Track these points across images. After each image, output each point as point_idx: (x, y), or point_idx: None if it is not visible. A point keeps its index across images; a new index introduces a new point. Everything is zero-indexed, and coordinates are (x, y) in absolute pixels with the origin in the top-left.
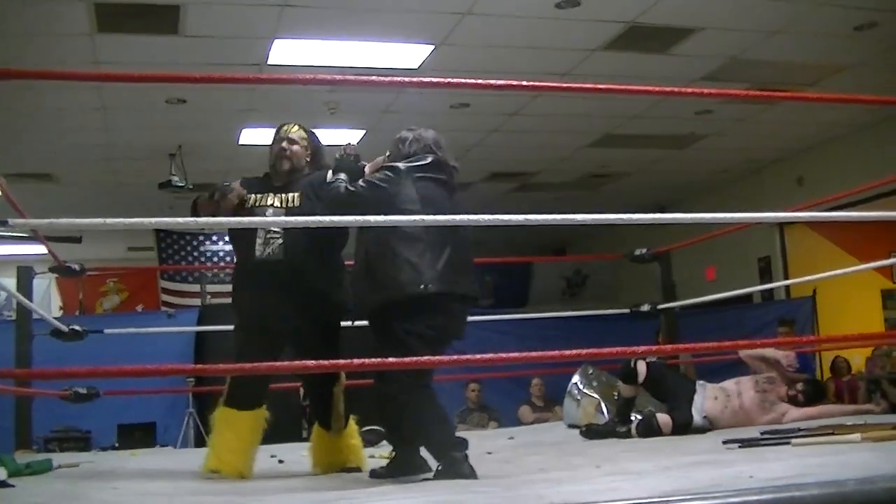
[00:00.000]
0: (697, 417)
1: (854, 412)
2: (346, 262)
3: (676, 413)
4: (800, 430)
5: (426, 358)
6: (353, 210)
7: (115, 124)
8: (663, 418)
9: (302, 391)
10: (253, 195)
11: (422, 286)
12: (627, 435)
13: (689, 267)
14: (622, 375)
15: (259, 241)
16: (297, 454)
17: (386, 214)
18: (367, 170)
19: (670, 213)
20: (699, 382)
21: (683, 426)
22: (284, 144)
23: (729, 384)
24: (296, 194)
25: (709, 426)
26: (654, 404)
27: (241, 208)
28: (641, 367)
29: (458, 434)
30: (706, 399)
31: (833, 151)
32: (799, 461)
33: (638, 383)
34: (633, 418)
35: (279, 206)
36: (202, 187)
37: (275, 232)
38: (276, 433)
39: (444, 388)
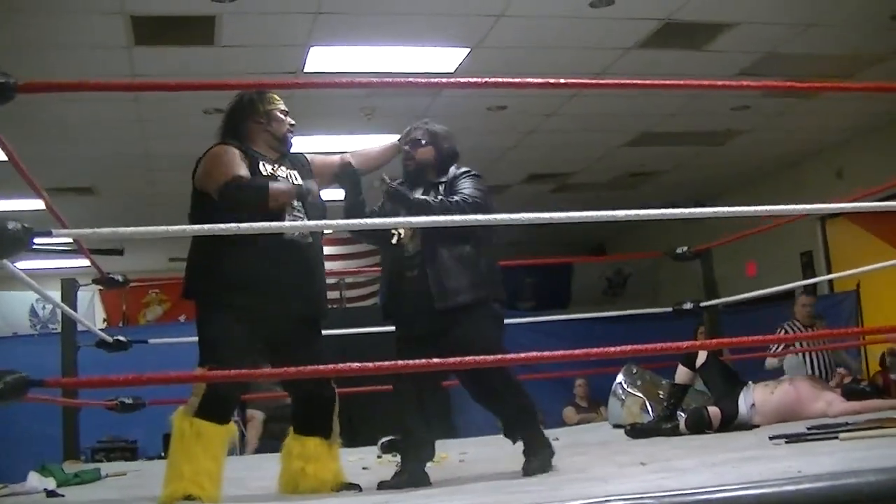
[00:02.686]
0: (744, 407)
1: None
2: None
3: (723, 404)
4: (847, 424)
5: (468, 358)
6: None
7: (153, 136)
8: (713, 410)
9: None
10: (260, 161)
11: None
12: (674, 431)
13: (730, 264)
14: (683, 358)
15: (288, 218)
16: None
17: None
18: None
19: (710, 209)
20: (748, 382)
21: (730, 418)
22: (291, 119)
23: (783, 377)
24: (294, 171)
25: (755, 416)
26: (698, 403)
27: (259, 174)
28: (702, 353)
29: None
30: (755, 390)
31: (872, 143)
32: (847, 455)
33: (696, 368)
34: (679, 415)
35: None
36: None
37: (298, 211)
38: None
39: None
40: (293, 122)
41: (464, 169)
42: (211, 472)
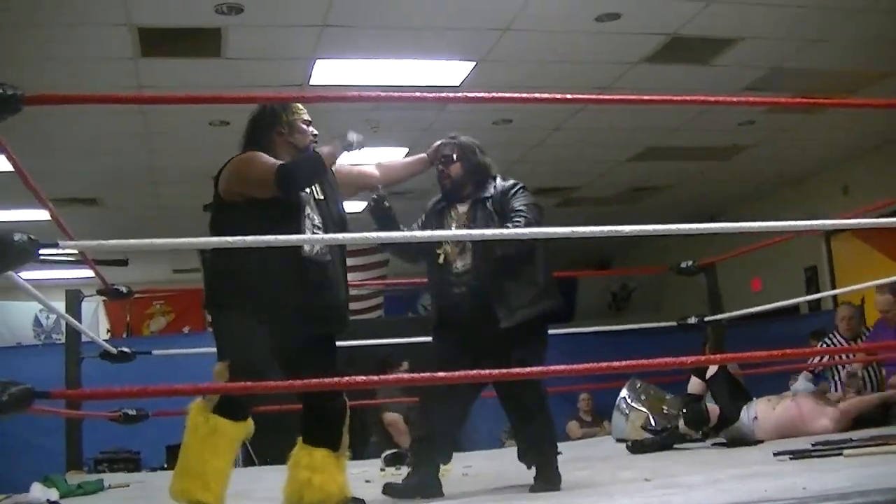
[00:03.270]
0: (746, 420)
1: (879, 400)
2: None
3: (725, 406)
4: (851, 440)
5: (475, 372)
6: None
7: (159, 148)
8: (712, 406)
9: None
10: None
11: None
12: (673, 434)
13: (735, 279)
14: (693, 369)
15: (307, 234)
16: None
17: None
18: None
19: (716, 224)
20: (753, 398)
21: (729, 420)
22: (314, 129)
23: (786, 393)
24: (316, 185)
25: (756, 430)
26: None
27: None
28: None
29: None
30: (758, 404)
31: (878, 159)
32: (852, 472)
33: (706, 378)
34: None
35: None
36: None
37: (317, 226)
38: None
39: (495, 403)
40: (316, 132)
41: (511, 181)
42: (219, 471)
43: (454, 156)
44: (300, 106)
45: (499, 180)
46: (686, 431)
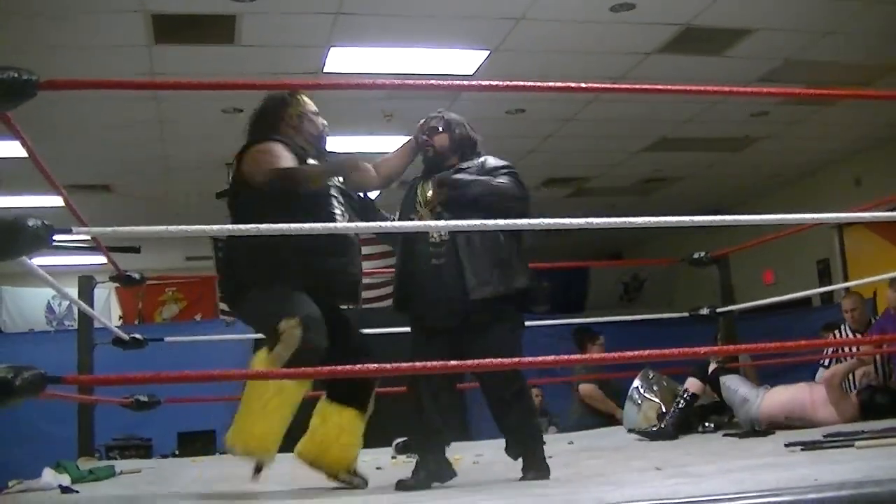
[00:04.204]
0: (754, 393)
1: (856, 364)
2: None
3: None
4: (863, 432)
5: (486, 360)
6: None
7: (171, 135)
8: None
9: None
10: (308, 158)
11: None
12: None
13: (747, 271)
14: (693, 369)
15: (338, 213)
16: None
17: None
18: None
19: (728, 216)
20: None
21: (730, 373)
22: (323, 119)
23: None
24: None
25: (762, 402)
26: (716, 420)
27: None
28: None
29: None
30: (773, 389)
31: (891, 151)
32: (864, 463)
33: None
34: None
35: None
36: None
37: (342, 204)
38: None
39: None
40: (325, 122)
41: (505, 161)
42: (278, 434)
43: (440, 127)
44: (305, 99)
45: (491, 159)
46: (690, 383)
